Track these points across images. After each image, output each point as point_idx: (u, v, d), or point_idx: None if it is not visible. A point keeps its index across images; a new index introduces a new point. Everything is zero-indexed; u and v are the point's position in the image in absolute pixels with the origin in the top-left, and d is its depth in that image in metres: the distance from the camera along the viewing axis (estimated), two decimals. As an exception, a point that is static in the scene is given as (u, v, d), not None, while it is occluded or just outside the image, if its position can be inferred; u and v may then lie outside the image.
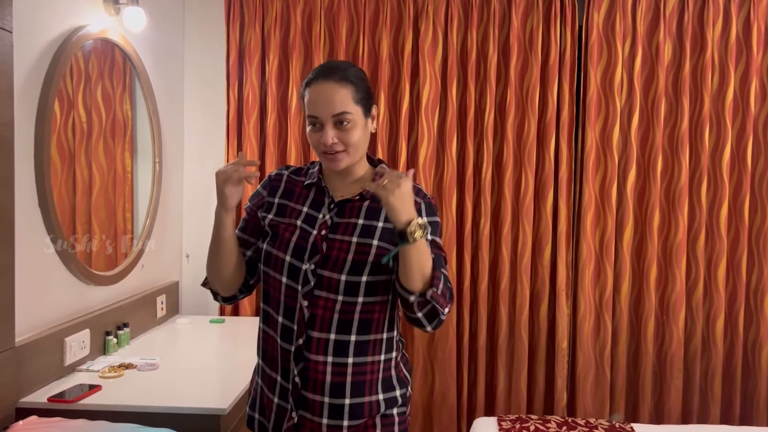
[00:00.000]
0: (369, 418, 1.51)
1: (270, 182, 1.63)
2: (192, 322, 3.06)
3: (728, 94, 3.09)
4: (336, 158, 1.49)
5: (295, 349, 1.49)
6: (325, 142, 1.47)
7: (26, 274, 2.03)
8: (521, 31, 3.14)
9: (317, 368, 1.48)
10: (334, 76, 1.48)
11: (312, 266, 1.48)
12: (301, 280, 1.49)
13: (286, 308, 1.50)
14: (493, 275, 3.21)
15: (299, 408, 1.51)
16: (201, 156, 3.32)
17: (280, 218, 1.56)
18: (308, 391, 1.49)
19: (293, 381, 1.50)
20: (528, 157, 3.13)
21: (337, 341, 1.48)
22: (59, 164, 2.33)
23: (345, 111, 1.47)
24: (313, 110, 1.49)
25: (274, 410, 1.54)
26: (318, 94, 1.48)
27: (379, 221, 1.51)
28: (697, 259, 3.14)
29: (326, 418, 1.49)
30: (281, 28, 3.18)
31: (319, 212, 1.54)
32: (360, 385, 1.50)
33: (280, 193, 1.59)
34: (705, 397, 3.18)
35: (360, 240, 1.49)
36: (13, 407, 1.91)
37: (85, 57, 2.45)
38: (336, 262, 1.48)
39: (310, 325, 1.48)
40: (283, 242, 1.51)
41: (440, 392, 3.17)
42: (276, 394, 1.54)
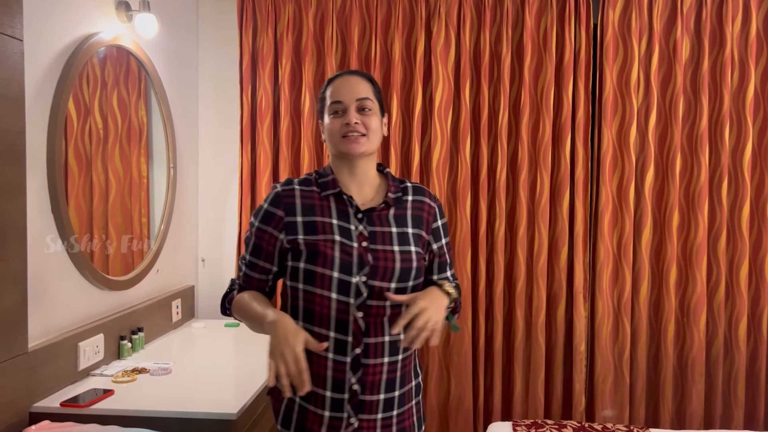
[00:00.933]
0: (410, 405, 1.64)
1: (281, 200, 1.58)
2: (207, 326, 3.07)
3: (749, 91, 3.02)
4: (358, 140, 1.56)
5: (352, 359, 1.53)
6: (349, 122, 1.55)
7: (40, 279, 2.05)
8: (535, 31, 3.10)
9: (375, 371, 1.55)
10: (358, 72, 1.65)
11: (363, 278, 1.52)
12: (353, 293, 1.52)
13: (338, 322, 1.53)
14: (509, 278, 3.17)
15: (358, 413, 1.55)
16: (216, 161, 3.34)
17: (313, 236, 1.54)
18: (366, 395, 1.55)
19: (350, 390, 1.54)
20: (543, 158, 3.09)
21: (391, 342, 1.56)
22: (76, 170, 2.37)
23: (367, 97, 1.58)
24: (337, 96, 1.58)
25: (326, 423, 1.55)
26: (342, 84, 1.60)
27: (409, 227, 1.60)
28: (718, 260, 3.07)
29: (381, 412, 1.57)
30: (294, 32, 3.18)
31: (348, 223, 1.56)
32: (403, 377, 1.61)
33: (300, 210, 1.57)
34: (728, 401, 3.11)
35: (401, 248, 1.56)
36: (27, 412, 1.93)
37: (101, 64, 2.48)
38: (385, 272, 1.54)
39: (366, 333, 1.53)
40: (327, 259, 1.52)
41: (456, 396, 3.14)
42: (327, 408, 1.55)
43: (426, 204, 1.66)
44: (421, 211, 1.64)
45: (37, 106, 2.06)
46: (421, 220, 1.63)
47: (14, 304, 1.85)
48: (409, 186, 1.67)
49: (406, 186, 1.67)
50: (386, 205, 1.59)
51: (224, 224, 3.35)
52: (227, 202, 3.35)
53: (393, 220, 1.59)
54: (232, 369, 2.53)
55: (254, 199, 3.23)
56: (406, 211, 1.62)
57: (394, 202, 1.60)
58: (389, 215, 1.59)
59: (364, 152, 1.57)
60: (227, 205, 3.35)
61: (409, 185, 1.67)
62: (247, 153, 3.22)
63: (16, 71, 1.85)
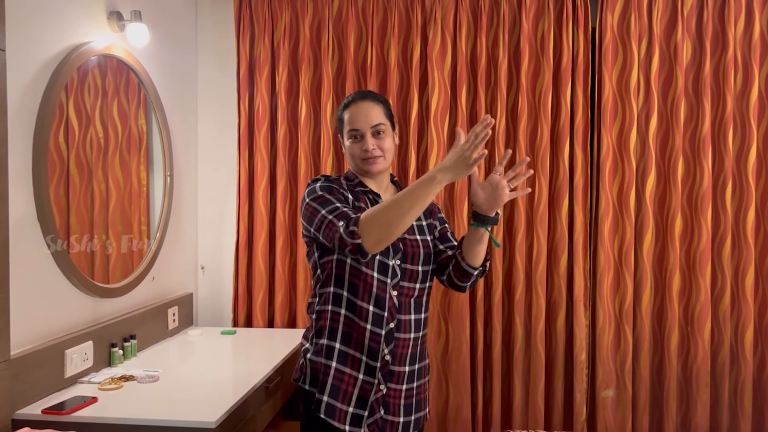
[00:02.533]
0: (425, 379, 1.91)
1: (333, 181, 1.84)
2: (203, 333, 3.08)
3: (752, 94, 2.95)
4: (375, 162, 1.83)
5: (386, 332, 1.77)
6: (367, 149, 1.81)
7: (25, 287, 2.06)
8: (532, 35, 3.07)
9: (404, 344, 1.80)
10: (368, 96, 1.87)
11: (398, 261, 1.79)
12: (390, 273, 1.78)
13: (378, 298, 1.77)
14: (508, 285, 3.12)
15: (387, 381, 1.79)
16: (214, 168, 3.35)
17: None
18: (395, 365, 1.80)
19: (383, 359, 1.77)
20: (542, 164, 3.04)
21: (416, 320, 1.83)
22: (77, 178, 2.39)
23: (381, 122, 1.83)
24: (354, 124, 1.83)
25: (359, 385, 1.78)
26: (358, 111, 1.83)
27: (423, 220, 1.91)
28: (722, 267, 2.99)
29: (405, 383, 1.82)
30: (290, 40, 3.19)
31: None
32: (422, 352, 1.88)
33: (351, 196, 1.82)
34: (734, 412, 3.02)
35: (421, 237, 1.86)
36: (9, 419, 1.94)
37: (102, 73, 2.51)
38: (414, 256, 1.82)
39: (399, 310, 1.79)
40: None
41: (454, 406, 3.09)
42: (361, 371, 1.78)
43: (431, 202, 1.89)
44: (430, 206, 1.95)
45: (21, 115, 2.07)
46: (429, 212, 1.95)
47: (-5, 312, 1.86)
48: None
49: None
50: None
51: (223, 231, 3.36)
52: (226, 210, 3.35)
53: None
54: (222, 376, 2.52)
55: (252, 207, 3.23)
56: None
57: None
58: None
59: (381, 170, 1.86)
60: (226, 212, 3.35)
61: None
62: (244, 160, 3.22)
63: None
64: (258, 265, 3.20)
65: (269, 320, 3.23)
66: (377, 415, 1.80)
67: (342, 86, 3.17)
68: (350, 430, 1.78)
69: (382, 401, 1.80)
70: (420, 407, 1.88)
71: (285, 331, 3.14)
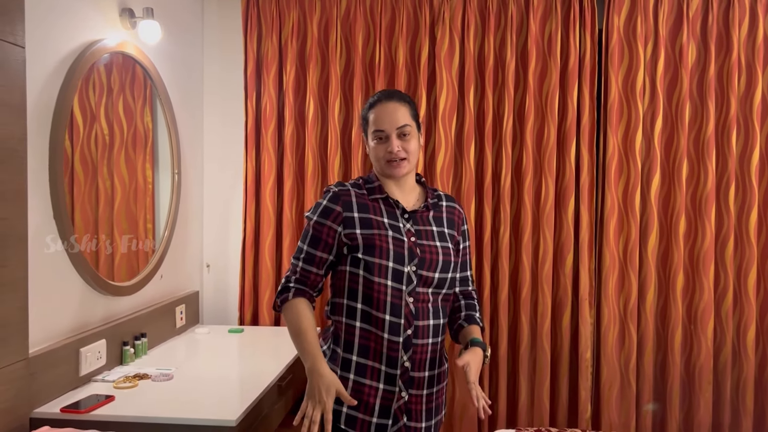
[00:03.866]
0: (445, 383, 1.91)
1: (339, 197, 1.80)
2: (211, 331, 3.08)
3: (756, 96, 2.99)
4: (400, 165, 1.80)
5: (404, 339, 1.75)
6: (392, 150, 1.78)
7: (42, 285, 2.06)
8: (539, 36, 3.09)
9: (423, 350, 1.78)
10: (394, 96, 1.84)
11: (413, 268, 1.76)
12: (405, 280, 1.75)
13: (393, 306, 1.75)
14: (514, 284, 3.15)
15: (408, 388, 1.78)
16: (220, 166, 3.35)
17: (369, 230, 1.77)
18: (415, 371, 1.78)
19: (402, 366, 1.76)
20: (548, 164, 3.07)
21: (435, 325, 1.81)
22: (82, 176, 2.38)
23: (406, 124, 1.80)
24: (380, 125, 1.80)
25: (380, 395, 1.77)
26: (384, 112, 1.80)
27: (445, 228, 1.87)
28: (725, 267, 3.04)
29: (425, 388, 1.81)
30: (298, 38, 3.19)
31: (397, 222, 1.80)
32: (441, 357, 1.86)
33: (356, 208, 1.79)
34: (736, 410, 3.07)
35: (442, 244, 1.82)
36: (27, 418, 1.93)
37: (107, 70, 2.49)
38: (431, 263, 1.78)
39: (416, 316, 1.76)
40: (383, 251, 1.74)
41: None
42: (381, 381, 1.77)
43: (457, 210, 1.94)
44: (452, 215, 1.92)
45: (39, 113, 2.07)
46: (453, 222, 1.90)
47: (15, 310, 1.85)
48: (441, 194, 1.95)
49: (440, 194, 1.94)
50: (426, 208, 1.85)
51: (229, 230, 3.36)
52: (232, 208, 3.35)
53: (433, 220, 1.86)
54: (235, 375, 2.53)
55: (258, 205, 3.23)
56: (443, 214, 1.89)
57: (432, 207, 1.87)
58: (429, 216, 1.86)
59: (405, 173, 1.83)
60: (232, 210, 3.35)
61: (441, 193, 1.95)
62: (251, 159, 3.22)
63: (17, 78, 1.86)
64: (265, 264, 3.20)
65: (276, 318, 3.24)
66: (401, 422, 1.79)
67: (350, 85, 3.18)
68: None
69: (404, 408, 1.79)
70: (439, 411, 1.89)
71: (292, 330, 3.14)
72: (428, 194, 1.89)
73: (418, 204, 1.87)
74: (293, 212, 3.20)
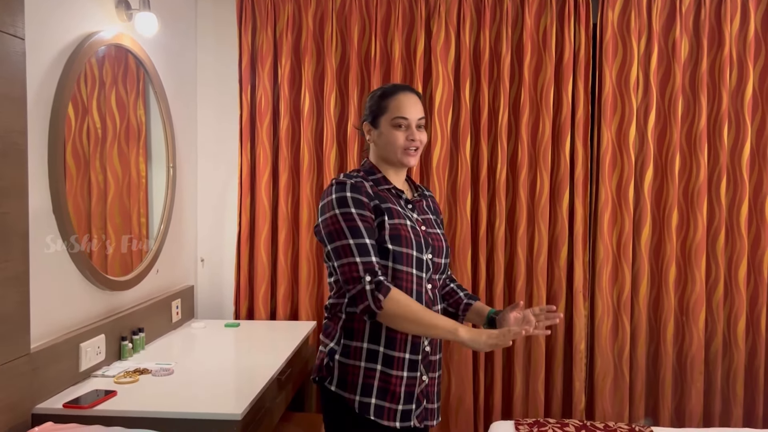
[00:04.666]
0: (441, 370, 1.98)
1: (358, 188, 1.78)
2: (207, 326, 3.06)
3: (747, 90, 3.04)
4: (415, 155, 1.85)
5: None
6: (414, 139, 1.82)
7: (41, 280, 2.04)
8: (535, 30, 3.11)
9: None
10: (415, 91, 1.89)
11: (430, 255, 1.84)
12: (425, 268, 1.82)
13: (418, 294, 1.80)
14: (509, 277, 3.17)
15: (428, 371, 1.85)
16: (215, 160, 3.33)
17: (394, 220, 1.79)
18: (434, 354, 1.88)
19: (423, 351, 1.83)
20: (543, 158, 3.09)
21: (442, 309, 1.94)
22: (74, 170, 2.34)
23: (423, 117, 1.88)
24: (404, 112, 1.82)
25: (404, 383, 1.80)
26: (408, 101, 1.84)
27: (437, 215, 1.99)
28: (717, 259, 3.09)
29: (438, 370, 1.91)
30: (293, 31, 3.17)
31: (405, 211, 1.84)
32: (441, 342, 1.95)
33: (376, 198, 1.80)
34: (727, 399, 3.13)
35: (441, 231, 1.95)
36: (29, 413, 1.91)
37: (99, 63, 2.45)
38: (440, 250, 1.89)
39: (433, 302, 1.86)
40: (408, 240, 1.79)
41: (456, 396, 3.14)
42: (405, 368, 1.80)
43: (434, 198, 2.08)
44: (435, 203, 2.05)
45: (38, 106, 2.04)
46: (437, 211, 2.03)
47: (16, 305, 1.83)
48: (419, 184, 2.06)
49: (418, 183, 2.03)
50: (420, 198, 1.95)
51: (224, 224, 3.34)
52: (226, 202, 3.33)
53: (426, 208, 1.95)
54: (235, 369, 2.52)
55: (254, 199, 3.22)
56: (430, 202, 2.00)
57: (421, 196, 1.96)
58: (424, 205, 1.95)
59: (414, 164, 1.88)
60: (226, 204, 3.33)
61: (418, 183, 2.04)
62: (246, 152, 3.21)
63: (18, 70, 1.83)
64: (260, 258, 3.19)
65: (271, 312, 3.23)
66: (423, 405, 1.85)
67: (345, 79, 3.17)
68: (401, 426, 1.80)
69: (426, 391, 1.86)
70: (441, 394, 2.01)
71: (288, 324, 3.14)
72: (412, 184, 1.98)
73: (410, 194, 1.94)
74: (288, 206, 3.20)
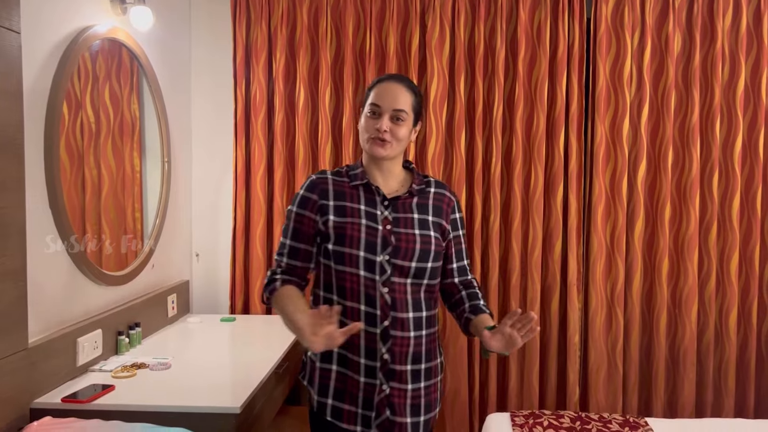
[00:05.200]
0: (436, 380, 1.79)
1: (316, 185, 1.76)
2: (203, 321, 3.07)
3: (739, 84, 3.06)
4: (384, 145, 1.72)
5: (381, 330, 1.69)
6: (380, 128, 1.71)
7: (38, 274, 2.03)
8: (529, 25, 3.12)
9: (402, 343, 1.70)
10: (404, 81, 1.77)
11: (386, 257, 1.69)
12: (378, 270, 1.68)
13: (368, 297, 1.69)
14: (504, 270, 3.19)
15: (389, 380, 1.71)
16: (209, 155, 3.33)
17: (343, 218, 1.71)
18: (395, 364, 1.71)
19: (381, 358, 1.70)
20: (537, 152, 3.11)
21: (416, 318, 1.73)
22: (68, 165, 2.33)
23: (403, 109, 1.73)
24: (378, 100, 1.73)
25: (362, 388, 1.71)
26: (387, 89, 1.74)
27: (429, 215, 1.78)
28: (709, 252, 3.12)
29: (410, 383, 1.73)
30: (288, 25, 3.17)
31: (375, 209, 1.73)
32: (429, 352, 1.77)
33: (332, 196, 1.74)
34: (719, 390, 3.17)
35: (421, 232, 1.74)
36: (28, 408, 1.91)
37: (92, 57, 2.44)
38: (407, 252, 1.70)
39: (392, 307, 1.69)
40: (353, 240, 1.69)
41: (452, 389, 3.16)
42: (362, 374, 1.71)
43: (446, 197, 1.84)
44: (441, 202, 1.82)
45: (34, 100, 2.04)
46: (441, 210, 1.81)
47: (14, 300, 1.83)
48: (432, 180, 1.85)
49: (430, 180, 1.85)
50: (410, 195, 1.78)
51: (218, 218, 3.34)
52: (221, 197, 3.33)
53: (416, 207, 1.77)
54: (231, 363, 2.53)
55: (249, 194, 3.22)
56: (429, 201, 1.80)
57: (418, 193, 1.79)
58: (413, 203, 1.77)
59: (385, 156, 1.74)
60: (221, 199, 3.33)
61: (431, 179, 1.85)
62: (241, 147, 3.20)
63: (13, 64, 1.83)
64: (256, 252, 3.19)
65: (267, 307, 3.23)
66: (383, 416, 1.71)
67: (340, 73, 3.17)
68: (362, 430, 1.72)
69: (387, 402, 1.71)
70: (430, 408, 1.78)
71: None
72: (415, 180, 1.80)
73: (403, 190, 1.79)
74: (284, 201, 3.20)
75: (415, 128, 1.81)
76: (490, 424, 2.63)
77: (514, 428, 2.52)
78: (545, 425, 2.55)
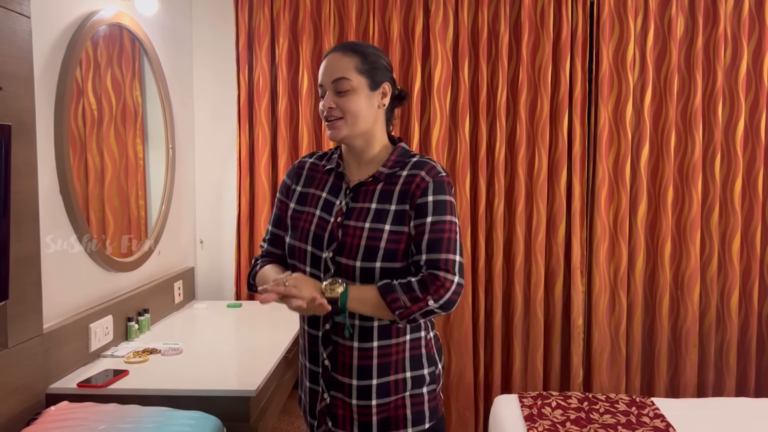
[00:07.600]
0: (398, 397, 1.49)
1: (295, 170, 1.62)
2: (209, 307, 3.07)
3: (741, 68, 3.08)
4: (334, 125, 1.49)
5: (322, 334, 1.51)
6: (324, 107, 1.49)
7: (50, 260, 2.03)
8: (532, 9, 3.12)
9: (345, 352, 1.49)
10: (342, 47, 1.52)
11: (330, 254, 1.47)
12: (323, 268, 1.47)
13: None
14: (508, 254, 3.21)
15: (330, 389, 1.52)
16: (212, 141, 3.32)
17: (301, 207, 1.55)
18: (337, 373, 1.50)
19: (323, 364, 1.52)
20: (541, 136, 3.12)
21: (361, 327, 1.48)
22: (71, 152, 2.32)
23: (343, 77, 1.47)
24: (319, 78, 1.52)
25: (308, 393, 1.58)
26: (325, 64, 1.51)
27: (392, 204, 1.47)
28: (711, 235, 3.15)
29: (356, 399, 1.49)
30: (290, 10, 3.16)
31: (337, 198, 1.52)
32: (385, 366, 1.48)
33: (302, 182, 1.59)
34: (720, 370, 3.21)
35: (372, 225, 1.45)
36: (43, 393, 1.92)
37: (94, 43, 2.42)
38: (351, 248, 1.45)
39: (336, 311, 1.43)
40: (303, 233, 1.51)
41: (457, 372, 3.18)
42: (307, 378, 1.57)
43: (418, 177, 1.48)
44: (410, 185, 1.48)
45: (44, 85, 2.03)
46: (407, 194, 1.48)
47: (29, 286, 1.83)
48: (412, 161, 1.52)
49: (409, 161, 1.53)
50: (374, 180, 1.51)
51: (222, 205, 3.34)
52: (225, 183, 3.33)
53: (377, 195, 1.49)
54: (242, 348, 2.54)
55: (253, 180, 3.22)
56: (396, 186, 1.49)
57: (386, 177, 1.50)
58: (376, 190, 1.50)
59: (345, 136, 1.50)
60: (225, 185, 3.33)
61: (412, 160, 1.52)
62: (244, 133, 3.20)
63: (24, 49, 1.82)
64: (260, 238, 3.19)
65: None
66: (323, 427, 1.55)
67: (344, 58, 3.16)
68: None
69: (327, 412, 1.53)
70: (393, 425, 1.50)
71: (289, 303, 3.15)
72: (388, 162, 1.52)
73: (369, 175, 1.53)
74: (288, 186, 3.19)
75: (380, 91, 1.51)
76: (498, 405, 2.66)
77: (522, 409, 2.55)
78: (554, 406, 2.58)
